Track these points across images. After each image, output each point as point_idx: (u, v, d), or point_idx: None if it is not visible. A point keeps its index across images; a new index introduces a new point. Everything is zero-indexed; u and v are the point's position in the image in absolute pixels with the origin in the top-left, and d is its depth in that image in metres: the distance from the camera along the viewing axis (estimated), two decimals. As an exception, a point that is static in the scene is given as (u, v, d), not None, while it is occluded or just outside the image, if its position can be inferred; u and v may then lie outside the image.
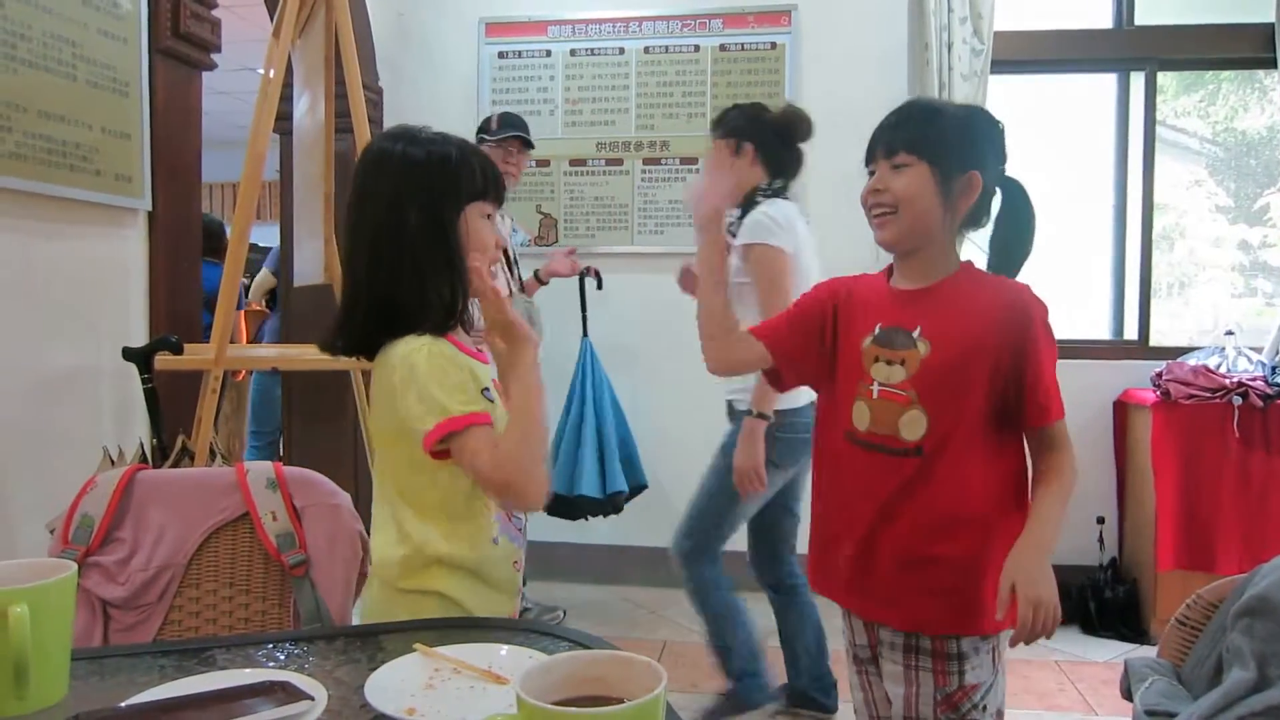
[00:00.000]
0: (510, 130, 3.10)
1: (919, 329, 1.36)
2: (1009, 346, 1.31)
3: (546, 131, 3.70)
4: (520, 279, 3.22)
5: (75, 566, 0.96)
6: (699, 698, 2.68)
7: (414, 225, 1.26)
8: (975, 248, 1.47)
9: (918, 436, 1.33)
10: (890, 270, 1.47)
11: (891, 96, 1.40)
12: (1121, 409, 3.45)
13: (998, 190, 1.42)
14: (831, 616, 1.79)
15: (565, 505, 3.26)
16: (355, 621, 1.35)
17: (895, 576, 1.37)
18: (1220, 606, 1.47)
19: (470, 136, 3.67)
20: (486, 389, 1.28)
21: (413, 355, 1.22)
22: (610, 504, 3.31)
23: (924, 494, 1.34)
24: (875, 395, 1.38)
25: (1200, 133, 3.88)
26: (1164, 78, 3.66)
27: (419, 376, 1.20)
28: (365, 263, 1.28)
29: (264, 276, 4.22)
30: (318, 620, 1.43)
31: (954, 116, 1.39)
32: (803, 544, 1.64)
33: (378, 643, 1.10)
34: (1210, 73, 3.81)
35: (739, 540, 2.78)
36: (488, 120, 3.20)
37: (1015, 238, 1.41)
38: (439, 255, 1.27)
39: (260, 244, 4.53)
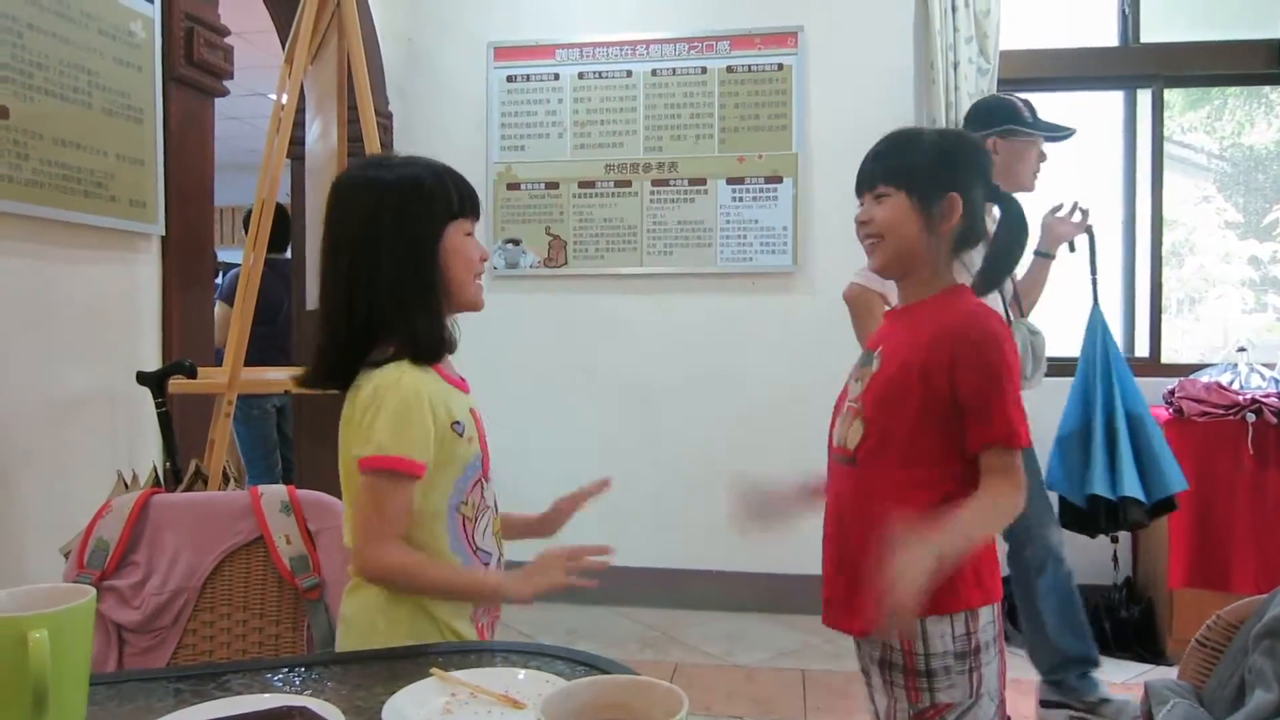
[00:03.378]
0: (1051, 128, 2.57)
1: (880, 348, 1.43)
2: (942, 368, 1.31)
3: (555, 154, 3.72)
4: (1015, 297, 2.57)
5: (94, 591, 0.96)
6: (713, 721, 2.66)
7: (388, 250, 1.26)
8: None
9: (854, 445, 1.39)
10: None
11: (899, 116, 1.45)
12: (1133, 427, 3.42)
13: (994, 209, 1.46)
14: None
15: (1078, 514, 2.80)
16: (338, 631, 1.34)
17: (846, 585, 1.41)
18: (1241, 627, 1.46)
19: (479, 159, 3.71)
20: (458, 422, 1.29)
21: (384, 388, 1.23)
22: (1124, 513, 2.71)
23: (859, 503, 1.38)
24: (844, 410, 1.46)
25: (1207, 148, 3.88)
26: (1170, 94, 3.66)
27: (382, 407, 1.21)
28: (342, 291, 1.28)
29: (220, 312, 4.07)
30: (332, 644, 1.42)
31: (930, 144, 1.43)
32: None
33: (393, 667, 1.10)
34: (1216, 89, 3.81)
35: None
36: (1012, 107, 2.58)
37: (997, 253, 1.46)
38: (417, 280, 1.27)
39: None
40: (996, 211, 1.48)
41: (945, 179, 1.39)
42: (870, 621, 1.30)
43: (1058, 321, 2.89)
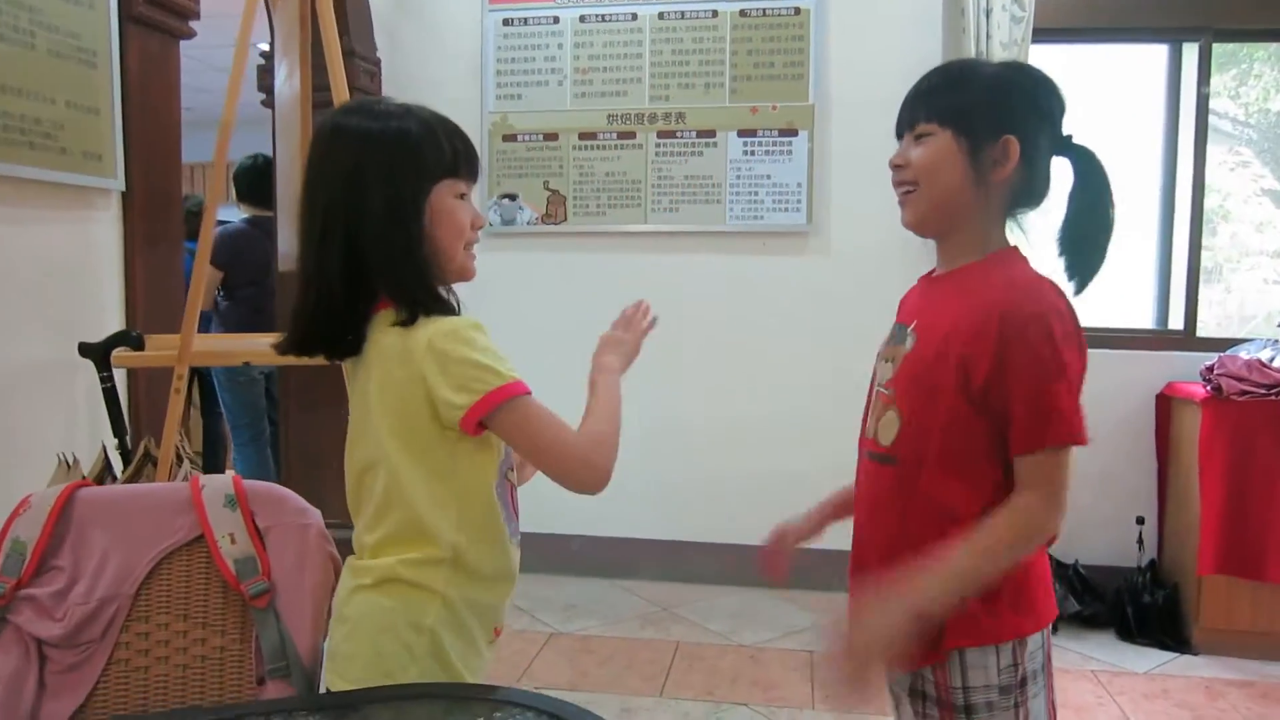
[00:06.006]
0: None
1: (915, 322, 1.21)
2: (986, 353, 1.09)
3: (554, 103, 3.51)
4: None
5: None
6: (716, 707, 2.52)
7: (371, 207, 1.11)
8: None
9: (890, 441, 1.18)
10: None
11: (924, 67, 1.22)
12: (1165, 403, 3.24)
13: (1050, 159, 1.20)
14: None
15: None
16: (335, 632, 1.20)
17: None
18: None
19: (474, 108, 3.49)
20: None
21: (463, 327, 1.13)
22: None
23: (898, 509, 1.17)
24: (874, 396, 1.25)
25: (1232, 114, 3.65)
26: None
27: (473, 344, 1.11)
28: (319, 253, 1.13)
29: (210, 274, 3.70)
30: (283, 658, 1.26)
31: (987, 77, 1.19)
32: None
33: (362, 714, 0.96)
34: (1244, 51, 3.57)
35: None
36: None
37: (1083, 224, 1.18)
38: (398, 240, 1.12)
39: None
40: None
41: (1001, 118, 1.15)
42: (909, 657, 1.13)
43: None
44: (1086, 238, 1.17)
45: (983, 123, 1.15)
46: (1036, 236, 1.22)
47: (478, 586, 1.17)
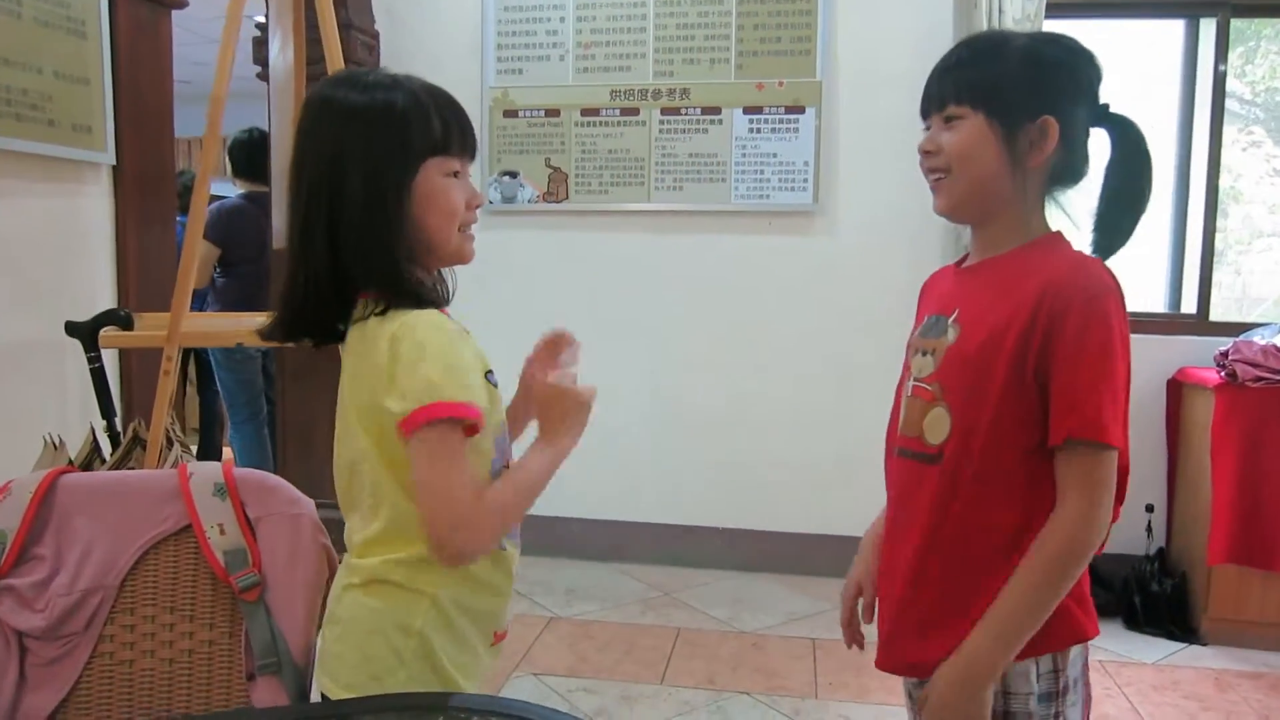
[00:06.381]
0: None
1: (956, 312, 1.13)
2: (1036, 344, 1.03)
3: (556, 78, 3.43)
4: None
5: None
6: (717, 695, 2.48)
7: (350, 189, 1.04)
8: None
9: (940, 440, 1.10)
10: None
11: (934, 44, 1.14)
12: (1176, 388, 3.19)
13: (1089, 134, 1.13)
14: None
15: None
16: (327, 633, 1.15)
17: (923, 615, 1.14)
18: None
19: (474, 83, 3.42)
20: (490, 371, 1.10)
21: (422, 326, 1.03)
22: None
23: (939, 510, 1.10)
24: (910, 392, 1.17)
25: (1238, 92, 3.57)
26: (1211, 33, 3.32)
27: (426, 346, 1.01)
28: (302, 233, 1.06)
29: (205, 251, 3.62)
30: (274, 655, 1.22)
31: (1019, 52, 1.10)
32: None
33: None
34: (1251, 28, 3.49)
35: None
36: None
37: (1121, 197, 1.11)
38: (375, 226, 1.04)
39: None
40: None
41: (1038, 98, 1.08)
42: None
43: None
44: (1123, 213, 1.11)
45: (1018, 104, 1.08)
46: (1080, 216, 1.15)
47: (470, 590, 1.10)
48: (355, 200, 1.04)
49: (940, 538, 1.10)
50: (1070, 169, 1.12)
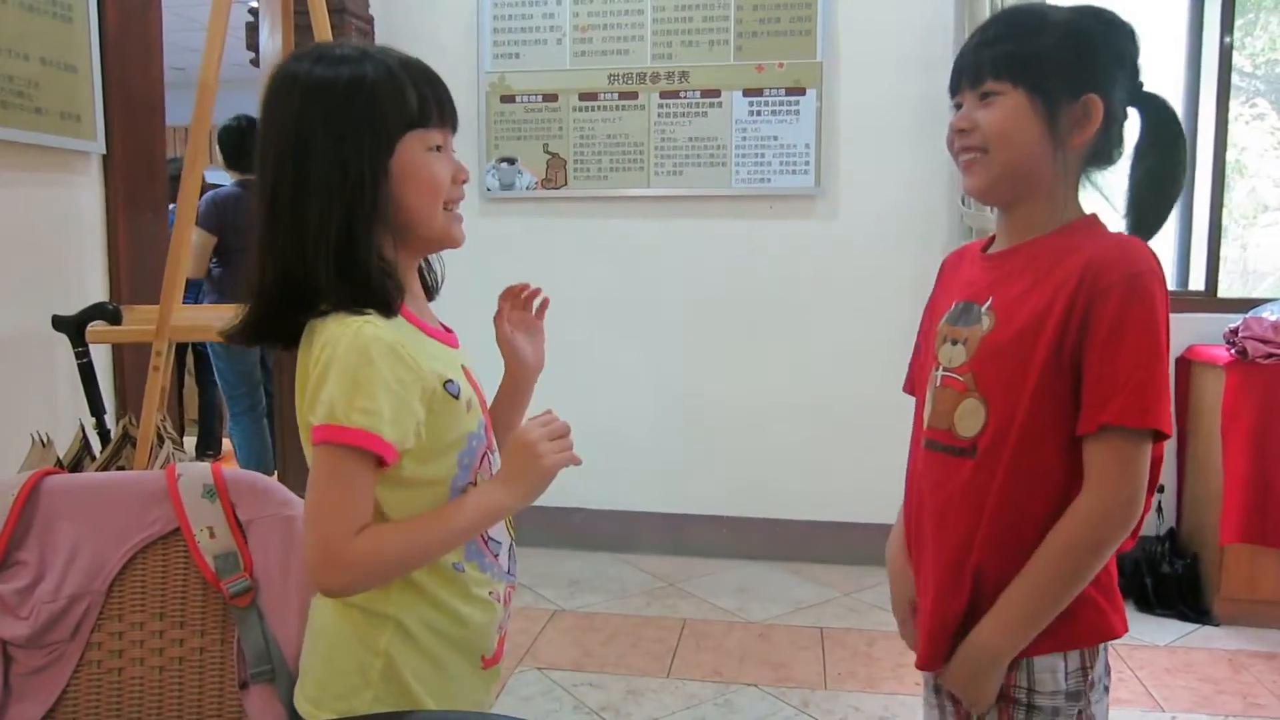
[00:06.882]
0: None
1: (990, 299, 1.08)
2: (1077, 319, 0.99)
3: (553, 62, 3.38)
4: None
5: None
6: (725, 688, 2.45)
7: (314, 175, 0.95)
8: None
9: (973, 432, 1.06)
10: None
11: (937, 23, 1.09)
12: (1185, 366, 3.14)
13: (1128, 114, 1.08)
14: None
15: None
16: (306, 645, 1.09)
17: (932, 606, 1.11)
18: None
19: (470, 67, 3.37)
20: (450, 381, 0.99)
21: (337, 339, 0.93)
22: None
23: (974, 505, 1.06)
24: (939, 383, 1.12)
25: (1239, 65, 3.51)
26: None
27: (332, 363, 0.92)
28: (266, 221, 0.98)
29: (198, 240, 3.58)
30: (267, 661, 1.18)
31: (1061, 25, 1.05)
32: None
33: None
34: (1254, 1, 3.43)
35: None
36: None
37: (1158, 178, 1.07)
38: (355, 208, 0.95)
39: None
40: None
41: (1082, 75, 1.03)
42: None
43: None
44: (1158, 195, 1.07)
45: (1062, 81, 1.03)
46: (1116, 198, 1.10)
47: (437, 614, 1.02)
48: (319, 188, 0.95)
49: (976, 534, 1.06)
50: (1106, 150, 1.08)
